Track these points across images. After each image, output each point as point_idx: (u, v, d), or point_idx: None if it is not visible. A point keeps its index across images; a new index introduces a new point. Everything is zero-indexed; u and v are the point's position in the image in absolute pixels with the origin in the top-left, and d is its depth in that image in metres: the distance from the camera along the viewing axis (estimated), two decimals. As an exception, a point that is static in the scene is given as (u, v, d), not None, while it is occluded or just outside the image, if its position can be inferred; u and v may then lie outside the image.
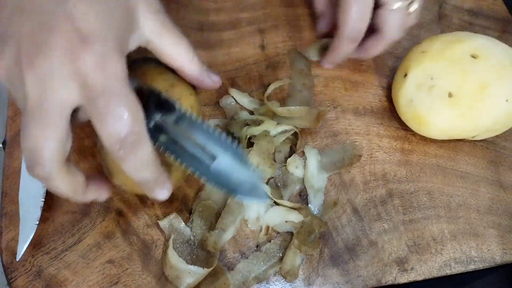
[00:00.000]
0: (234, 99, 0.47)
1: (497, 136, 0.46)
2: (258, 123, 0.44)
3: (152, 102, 0.30)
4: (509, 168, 0.46)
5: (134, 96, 0.27)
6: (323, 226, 0.41)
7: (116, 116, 0.26)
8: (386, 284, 0.40)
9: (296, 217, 0.41)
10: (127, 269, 0.40)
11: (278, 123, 0.44)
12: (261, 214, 0.42)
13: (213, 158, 0.31)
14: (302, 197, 0.43)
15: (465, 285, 0.42)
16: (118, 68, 0.26)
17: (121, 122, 0.26)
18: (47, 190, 0.43)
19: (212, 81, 0.35)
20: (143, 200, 0.43)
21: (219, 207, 0.42)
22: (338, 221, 0.43)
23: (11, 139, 0.46)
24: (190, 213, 0.42)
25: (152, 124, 0.30)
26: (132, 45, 0.30)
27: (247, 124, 0.44)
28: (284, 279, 0.40)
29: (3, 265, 0.41)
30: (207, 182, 0.32)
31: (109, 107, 0.26)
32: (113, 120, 0.26)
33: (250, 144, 0.43)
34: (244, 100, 0.47)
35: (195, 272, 0.38)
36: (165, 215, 0.42)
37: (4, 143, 0.46)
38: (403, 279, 0.41)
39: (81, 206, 0.43)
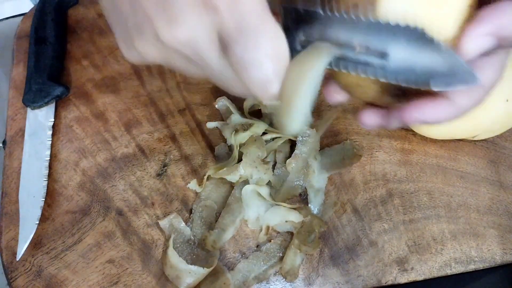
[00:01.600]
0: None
1: (497, 136, 0.46)
2: (246, 128, 0.44)
3: (294, 17, 0.26)
4: (509, 168, 0.46)
5: (275, 27, 0.23)
6: (323, 226, 0.41)
7: (257, 62, 0.23)
8: (386, 284, 0.40)
9: (296, 217, 0.41)
10: (127, 268, 0.40)
11: (269, 125, 0.44)
12: (261, 214, 0.42)
13: (383, 55, 0.25)
14: (302, 197, 0.43)
15: (465, 285, 0.42)
16: (251, 1, 0.23)
17: (263, 68, 0.23)
18: (47, 190, 0.43)
19: None
20: (143, 200, 0.43)
21: (219, 207, 0.42)
22: (338, 221, 0.43)
23: (11, 138, 0.46)
24: (190, 213, 0.42)
25: (298, 44, 0.26)
26: None
27: (237, 130, 0.44)
28: (284, 279, 0.40)
29: (3, 265, 0.41)
30: (385, 80, 0.25)
31: (249, 52, 0.23)
32: (254, 67, 0.23)
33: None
34: (232, 108, 0.46)
35: (195, 272, 0.38)
36: (165, 214, 0.42)
37: (4, 142, 0.46)
38: (403, 279, 0.41)
39: (81, 205, 0.43)
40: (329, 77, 0.29)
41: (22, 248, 0.40)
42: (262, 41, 0.23)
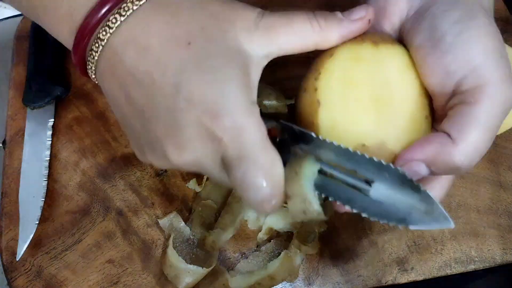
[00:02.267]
0: None
1: (497, 136, 0.46)
2: None
3: (288, 136, 0.29)
4: (509, 168, 0.46)
5: (272, 155, 0.26)
6: (323, 226, 0.41)
7: (255, 186, 0.26)
8: (386, 284, 0.40)
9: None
10: (127, 268, 0.40)
11: None
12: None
13: (369, 183, 0.27)
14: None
15: (465, 285, 0.42)
16: (252, 134, 0.25)
17: (260, 191, 0.26)
18: (47, 190, 0.43)
19: (356, 21, 0.29)
20: (143, 200, 0.43)
21: (219, 207, 0.42)
22: (338, 221, 0.43)
23: (11, 138, 0.46)
24: (190, 212, 0.42)
25: (292, 155, 0.29)
26: (257, 74, 0.28)
27: None
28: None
29: (3, 265, 0.41)
30: (367, 216, 0.27)
31: (247, 177, 0.26)
32: (252, 190, 0.26)
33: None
34: None
35: (194, 272, 0.38)
36: (165, 214, 0.42)
37: (4, 142, 0.46)
38: (403, 279, 0.41)
39: (81, 206, 0.43)
40: None
41: (22, 248, 0.40)
42: (259, 169, 0.25)
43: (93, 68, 0.29)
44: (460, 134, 0.26)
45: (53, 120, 0.46)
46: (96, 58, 0.28)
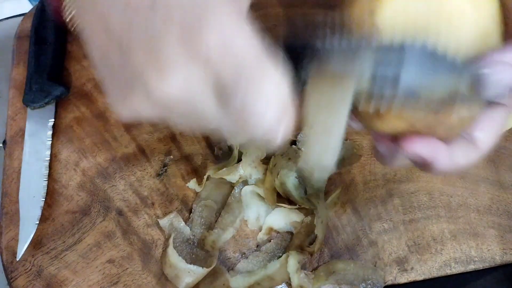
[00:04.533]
0: None
1: (497, 136, 0.46)
2: None
3: (295, 54, 0.24)
4: (509, 168, 0.46)
5: (273, 72, 0.22)
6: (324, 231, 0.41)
7: (258, 114, 0.21)
8: (386, 284, 0.40)
9: (297, 216, 0.41)
10: (127, 268, 0.40)
11: None
12: (261, 214, 0.42)
13: (396, 80, 0.22)
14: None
15: (465, 285, 0.42)
16: (245, 48, 0.21)
17: (265, 117, 0.22)
18: (47, 190, 0.43)
19: None
20: (143, 200, 0.43)
21: (219, 207, 0.42)
22: (338, 221, 0.43)
23: (11, 138, 0.46)
24: (190, 212, 0.42)
25: (302, 81, 0.24)
26: None
27: None
28: (284, 279, 0.40)
29: (3, 265, 0.41)
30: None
31: (248, 104, 0.21)
32: (255, 118, 0.22)
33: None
34: None
35: (194, 272, 0.38)
36: (165, 214, 0.42)
37: (4, 142, 0.46)
38: (403, 279, 0.41)
39: (81, 206, 0.43)
40: None
41: (22, 248, 0.40)
42: (261, 89, 0.21)
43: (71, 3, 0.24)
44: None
45: (53, 120, 0.46)
46: None
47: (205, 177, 0.43)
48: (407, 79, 0.22)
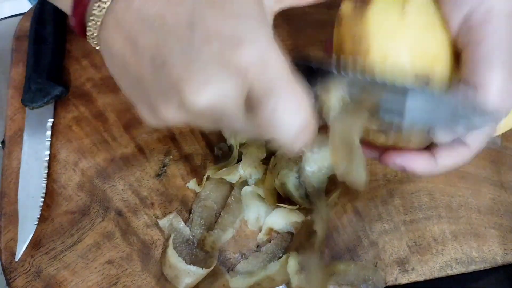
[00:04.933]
0: None
1: (497, 136, 0.46)
2: None
3: (307, 73, 0.27)
4: (510, 169, 0.46)
5: (300, 87, 0.25)
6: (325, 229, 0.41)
7: (287, 121, 0.24)
8: (387, 284, 0.40)
9: (297, 217, 0.41)
10: (126, 269, 0.40)
11: None
12: (261, 214, 0.42)
13: (401, 114, 0.26)
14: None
15: (466, 285, 0.41)
16: (279, 65, 0.24)
17: (294, 126, 0.24)
18: (46, 190, 0.43)
19: None
20: (143, 200, 0.43)
21: (219, 207, 0.42)
22: (339, 221, 0.42)
23: (10, 138, 0.46)
24: (190, 213, 0.42)
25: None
26: (270, 16, 0.27)
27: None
28: (284, 280, 0.40)
29: (2, 265, 0.41)
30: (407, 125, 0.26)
31: (278, 112, 0.24)
32: (284, 126, 0.24)
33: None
34: None
35: (194, 272, 0.38)
36: (165, 215, 0.42)
37: (3, 142, 0.46)
38: (404, 279, 0.40)
39: (81, 206, 0.43)
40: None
41: (21, 249, 0.40)
42: (289, 103, 0.24)
43: (96, 23, 0.26)
44: (480, 80, 0.25)
45: (53, 120, 0.46)
46: (101, 10, 0.26)
47: (205, 177, 0.43)
48: (411, 114, 0.26)
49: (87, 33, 0.28)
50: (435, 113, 0.26)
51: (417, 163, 0.31)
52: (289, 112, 0.24)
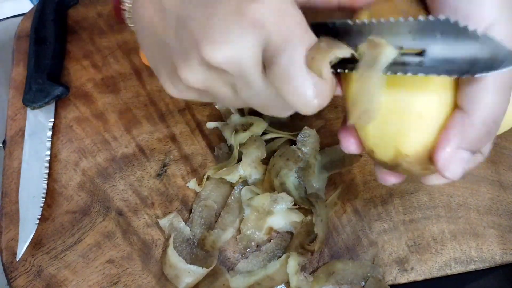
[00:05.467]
0: None
1: (497, 136, 0.46)
2: (246, 128, 0.44)
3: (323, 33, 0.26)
4: (509, 168, 0.46)
5: (315, 40, 0.24)
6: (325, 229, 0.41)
7: (303, 73, 0.23)
8: (386, 284, 0.40)
9: (297, 217, 0.41)
10: (127, 268, 0.40)
11: (269, 125, 0.44)
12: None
13: (421, 53, 0.24)
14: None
15: (465, 285, 0.42)
16: (296, 17, 0.24)
17: (308, 82, 0.24)
18: (47, 190, 0.43)
19: None
20: (143, 200, 0.43)
21: (219, 207, 0.42)
22: (338, 221, 0.43)
23: (11, 138, 0.46)
24: (190, 212, 0.42)
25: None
26: None
27: (237, 130, 0.44)
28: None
29: (3, 265, 0.41)
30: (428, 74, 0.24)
31: (295, 61, 0.23)
32: (302, 76, 0.23)
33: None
34: (232, 108, 0.46)
35: (194, 272, 0.38)
36: (165, 214, 0.42)
37: (4, 142, 0.46)
38: (403, 279, 0.41)
39: (81, 206, 0.43)
40: (352, 129, 0.29)
41: (22, 248, 0.40)
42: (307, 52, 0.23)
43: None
44: (469, 105, 0.24)
45: (53, 120, 0.46)
46: None
47: (205, 177, 0.43)
48: (432, 50, 0.23)
49: (123, 7, 0.29)
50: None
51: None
52: (304, 67, 0.23)
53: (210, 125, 0.46)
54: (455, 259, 0.41)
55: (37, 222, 0.41)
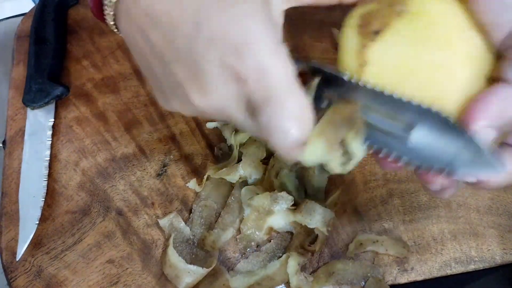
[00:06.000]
0: None
1: (497, 136, 0.46)
2: None
3: (320, 79, 0.27)
4: (510, 168, 0.46)
5: (300, 98, 0.24)
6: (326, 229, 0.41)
7: (281, 131, 0.24)
8: (386, 283, 0.40)
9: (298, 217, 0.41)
10: (127, 268, 0.40)
11: None
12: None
13: (410, 127, 0.24)
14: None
15: (465, 285, 0.42)
16: (278, 75, 0.24)
17: (288, 136, 0.24)
18: (47, 190, 0.43)
19: None
20: (143, 200, 0.43)
21: (219, 207, 0.42)
22: (338, 221, 0.43)
23: (11, 138, 0.46)
24: (190, 212, 0.42)
25: (323, 104, 0.27)
26: (279, 15, 0.26)
27: (237, 130, 0.44)
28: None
29: (3, 265, 0.41)
30: (407, 161, 0.25)
31: (274, 121, 0.24)
32: (278, 135, 0.24)
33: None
34: None
35: (194, 272, 0.38)
36: (165, 215, 0.42)
37: (4, 142, 0.46)
38: (403, 279, 0.41)
39: (81, 206, 0.43)
40: None
41: (22, 248, 0.40)
42: (286, 113, 0.24)
43: (109, 13, 0.27)
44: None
45: (53, 120, 0.46)
46: (110, 1, 0.26)
47: (205, 177, 0.43)
48: (418, 132, 0.24)
49: (106, 21, 0.28)
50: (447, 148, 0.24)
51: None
52: (284, 123, 0.24)
53: (210, 125, 0.46)
54: (455, 259, 0.41)
55: (37, 222, 0.41)
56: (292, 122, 0.24)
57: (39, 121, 0.46)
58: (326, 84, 0.27)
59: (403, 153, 0.25)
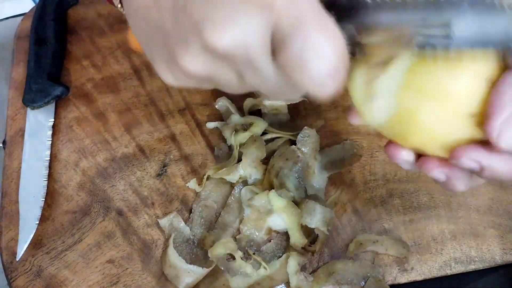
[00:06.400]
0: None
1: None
2: (246, 128, 0.44)
3: (336, 11, 0.24)
4: (510, 168, 0.46)
5: (330, 23, 0.22)
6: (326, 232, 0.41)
7: (319, 54, 0.21)
8: (386, 283, 0.40)
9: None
10: (127, 268, 0.40)
11: (269, 125, 0.44)
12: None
13: (446, 26, 0.22)
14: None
15: (465, 285, 0.42)
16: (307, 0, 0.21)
17: (327, 60, 0.22)
18: (47, 190, 0.43)
19: None
20: (143, 200, 0.43)
21: (219, 207, 0.42)
22: (338, 221, 0.43)
23: (11, 138, 0.46)
24: (190, 212, 0.42)
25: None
26: None
27: (237, 130, 0.44)
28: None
29: (3, 265, 0.41)
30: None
31: (309, 45, 0.21)
32: (315, 60, 0.22)
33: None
34: (232, 108, 0.46)
35: (194, 272, 0.38)
36: (165, 214, 0.42)
37: (4, 142, 0.46)
38: (403, 279, 0.41)
39: (81, 205, 0.43)
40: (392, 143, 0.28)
41: (22, 248, 0.40)
42: (321, 36, 0.21)
43: None
44: (490, 109, 0.23)
45: (53, 120, 0.46)
46: None
47: (205, 177, 0.43)
48: (459, 26, 0.22)
49: None
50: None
51: (497, 159, 0.24)
52: (320, 49, 0.21)
53: (210, 125, 0.46)
54: (455, 259, 0.41)
55: (37, 222, 0.41)
56: (328, 48, 0.21)
57: (39, 121, 0.46)
58: (343, 17, 0.24)
59: (456, 45, 0.22)
